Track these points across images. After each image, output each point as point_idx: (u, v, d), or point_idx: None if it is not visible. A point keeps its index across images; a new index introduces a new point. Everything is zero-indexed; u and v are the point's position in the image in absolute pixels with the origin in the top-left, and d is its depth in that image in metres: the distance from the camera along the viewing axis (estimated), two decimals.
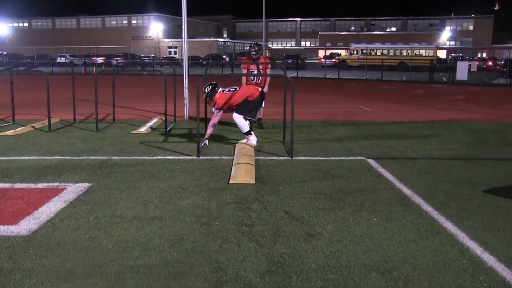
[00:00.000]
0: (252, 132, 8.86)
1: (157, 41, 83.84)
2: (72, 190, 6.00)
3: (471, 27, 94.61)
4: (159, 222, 4.93)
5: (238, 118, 8.68)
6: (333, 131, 10.87)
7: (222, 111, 8.72)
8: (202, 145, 8.44)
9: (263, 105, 9.69)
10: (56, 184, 6.29)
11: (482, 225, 4.89)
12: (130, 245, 4.32)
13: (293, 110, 7.86)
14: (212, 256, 4.11)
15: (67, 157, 7.90)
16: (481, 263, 4.01)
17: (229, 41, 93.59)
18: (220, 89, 8.79)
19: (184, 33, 13.32)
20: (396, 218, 5.10)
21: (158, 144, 9.16)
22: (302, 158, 7.97)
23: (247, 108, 8.68)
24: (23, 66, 45.49)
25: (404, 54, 51.18)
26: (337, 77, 36.07)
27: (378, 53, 51.20)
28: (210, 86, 8.77)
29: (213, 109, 8.85)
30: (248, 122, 8.77)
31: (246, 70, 11.01)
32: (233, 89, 8.77)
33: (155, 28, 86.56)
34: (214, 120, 8.74)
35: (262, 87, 10.03)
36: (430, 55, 50.59)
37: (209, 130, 8.80)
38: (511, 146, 9.32)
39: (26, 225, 4.79)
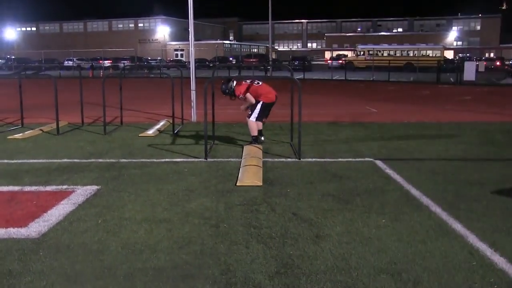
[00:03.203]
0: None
1: (163, 44, 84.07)
2: (81, 193, 6.02)
3: (478, 27, 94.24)
4: (168, 224, 4.94)
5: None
6: (341, 132, 10.85)
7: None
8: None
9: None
10: (65, 187, 6.32)
11: (491, 226, 4.86)
12: (139, 248, 4.33)
13: (301, 112, 7.86)
14: (221, 258, 4.11)
15: (75, 160, 7.94)
16: (491, 264, 3.98)
17: (236, 44, 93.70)
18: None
19: (191, 36, 13.34)
20: (405, 219, 5.09)
21: (166, 146, 9.18)
22: (310, 159, 7.97)
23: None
24: (31, 70, 45.71)
25: (411, 54, 51.05)
26: (344, 78, 36.02)
27: (385, 54, 51.13)
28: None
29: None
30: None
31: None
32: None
33: (161, 31, 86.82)
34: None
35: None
36: (437, 55, 50.42)
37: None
38: None
39: (35, 228, 4.81)
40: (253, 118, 8.74)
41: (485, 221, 5.00)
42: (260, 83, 8.95)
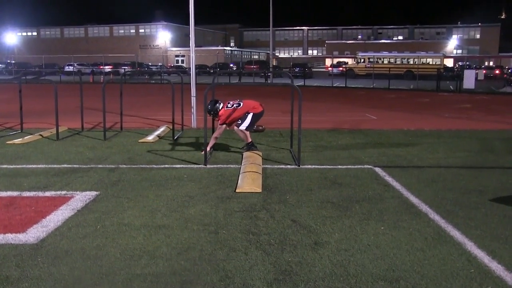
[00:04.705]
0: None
1: (164, 49, 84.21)
2: (80, 199, 6.03)
3: (478, 36, 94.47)
4: (167, 230, 4.94)
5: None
6: (340, 139, 10.86)
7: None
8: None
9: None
10: (64, 192, 6.33)
11: (490, 234, 4.87)
12: (138, 254, 4.33)
13: (300, 119, 7.87)
14: (220, 265, 4.11)
15: (75, 166, 7.94)
16: (489, 272, 3.99)
17: (236, 50, 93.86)
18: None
19: (192, 42, 13.38)
20: (404, 226, 5.09)
21: (166, 152, 9.19)
22: (309, 166, 7.97)
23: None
24: (31, 74, 45.77)
25: (411, 62, 51.20)
26: (344, 85, 36.06)
27: (385, 61, 51.19)
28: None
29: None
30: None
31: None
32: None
33: (162, 37, 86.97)
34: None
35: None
36: (437, 63, 50.51)
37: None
38: None
39: (34, 233, 4.81)
40: (243, 127, 8.75)
41: (484, 229, 5.01)
42: (242, 104, 8.87)
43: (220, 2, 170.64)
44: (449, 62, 66.27)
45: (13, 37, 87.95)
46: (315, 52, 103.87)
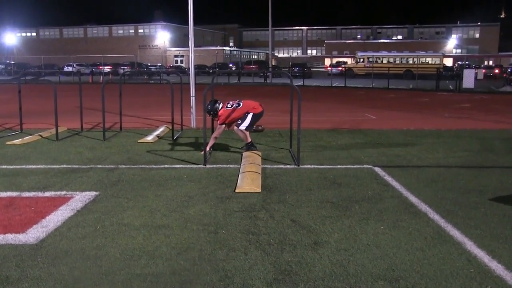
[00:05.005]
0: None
1: (163, 50, 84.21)
2: (80, 199, 6.02)
3: (477, 35, 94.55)
4: (166, 230, 4.94)
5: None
6: (340, 139, 10.86)
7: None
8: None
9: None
10: (63, 192, 6.32)
11: (489, 234, 4.87)
12: (137, 254, 4.33)
13: (300, 119, 7.87)
14: (219, 265, 4.11)
15: (74, 166, 7.94)
16: (489, 271, 3.99)
17: (236, 50, 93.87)
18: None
19: (191, 42, 13.38)
20: (403, 226, 5.09)
21: (165, 152, 9.19)
22: (309, 166, 7.97)
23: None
24: (30, 75, 45.72)
25: (411, 62, 51.19)
26: (343, 85, 36.05)
27: (385, 61, 51.18)
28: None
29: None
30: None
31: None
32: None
33: (161, 37, 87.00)
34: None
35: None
36: (436, 63, 50.49)
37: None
38: None
39: (33, 234, 4.81)
40: (243, 127, 8.75)
41: (483, 229, 5.01)
42: (241, 104, 8.87)
43: (220, 2, 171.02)
44: (448, 62, 66.32)
45: (12, 38, 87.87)
46: (314, 52, 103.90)
